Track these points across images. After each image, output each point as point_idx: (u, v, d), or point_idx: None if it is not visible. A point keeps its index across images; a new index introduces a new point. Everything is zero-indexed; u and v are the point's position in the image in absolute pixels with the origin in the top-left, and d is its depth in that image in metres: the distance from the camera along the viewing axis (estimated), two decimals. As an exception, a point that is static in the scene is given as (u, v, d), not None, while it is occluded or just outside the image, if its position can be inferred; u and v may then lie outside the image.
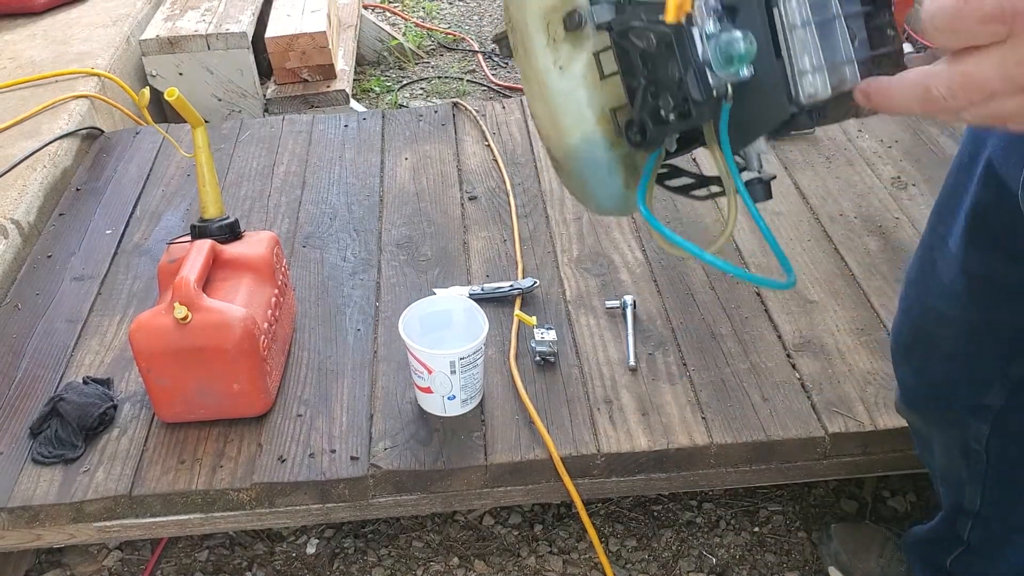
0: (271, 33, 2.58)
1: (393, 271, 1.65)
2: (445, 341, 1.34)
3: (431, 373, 1.29)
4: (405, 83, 3.05)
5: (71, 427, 1.32)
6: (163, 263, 1.38)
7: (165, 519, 1.29)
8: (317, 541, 1.53)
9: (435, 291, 1.56)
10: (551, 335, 1.44)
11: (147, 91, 1.43)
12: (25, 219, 1.79)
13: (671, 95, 0.60)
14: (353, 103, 2.66)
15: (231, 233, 1.44)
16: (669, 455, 1.30)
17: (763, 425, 1.32)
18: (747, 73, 0.56)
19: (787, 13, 0.54)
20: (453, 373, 1.28)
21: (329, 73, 2.62)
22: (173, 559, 1.52)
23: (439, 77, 3.07)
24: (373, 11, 3.45)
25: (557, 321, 1.51)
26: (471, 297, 1.50)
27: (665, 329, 1.49)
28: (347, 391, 1.40)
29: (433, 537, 1.53)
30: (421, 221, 1.78)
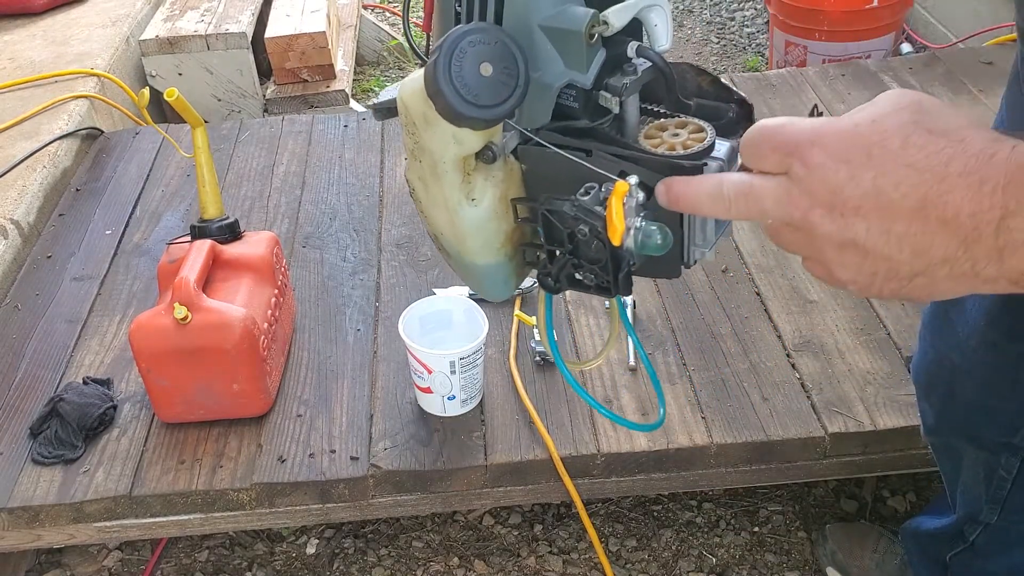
0: (271, 33, 2.58)
1: (393, 271, 1.65)
2: (445, 341, 1.34)
3: (431, 373, 1.29)
4: (405, 83, 3.05)
5: (71, 427, 1.32)
6: (163, 263, 1.38)
7: (165, 519, 1.29)
8: (317, 541, 1.53)
9: (435, 291, 1.56)
10: (551, 335, 1.44)
11: (147, 91, 1.43)
12: (25, 219, 1.79)
13: (591, 272, 0.65)
14: (353, 103, 2.66)
15: (231, 233, 1.44)
16: (669, 455, 1.30)
17: (763, 425, 1.32)
18: (656, 254, 0.62)
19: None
20: (453, 373, 1.28)
21: (329, 73, 2.62)
22: (173, 559, 1.52)
23: (439, 77, 3.07)
24: (373, 11, 3.45)
25: (557, 321, 1.51)
26: (471, 297, 1.50)
27: (665, 329, 1.49)
28: (347, 391, 1.40)
29: (433, 537, 1.53)
30: (421, 221, 1.77)
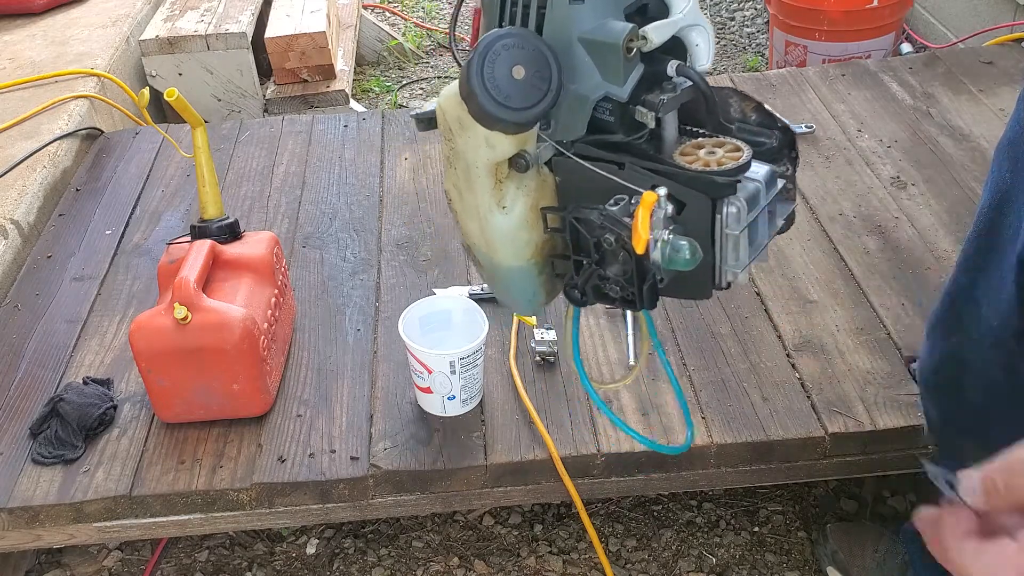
0: (271, 33, 2.58)
1: (393, 271, 1.65)
2: (445, 341, 1.34)
3: (431, 373, 1.29)
4: (405, 83, 3.05)
5: (71, 427, 1.32)
6: (163, 263, 1.38)
7: (165, 519, 1.29)
8: (317, 541, 1.53)
9: (435, 291, 1.56)
10: (551, 335, 1.44)
11: (147, 91, 1.43)
12: (25, 219, 1.79)
13: (617, 284, 0.66)
14: (353, 103, 2.66)
15: (231, 233, 1.44)
16: (669, 455, 1.30)
17: (763, 425, 1.32)
18: (685, 269, 0.63)
19: (727, 222, 0.62)
20: (453, 373, 1.28)
21: (329, 73, 2.62)
22: (173, 559, 1.52)
23: (439, 77, 3.07)
24: (373, 11, 3.45)
25: (557, 321, 1.51)
26: (471, 297, 1.50)
27: (665, 329, 1.49)
28: (347, 391, 1.40)
29: (433, 537, 1.53)
30: (421, 221, 1.78)
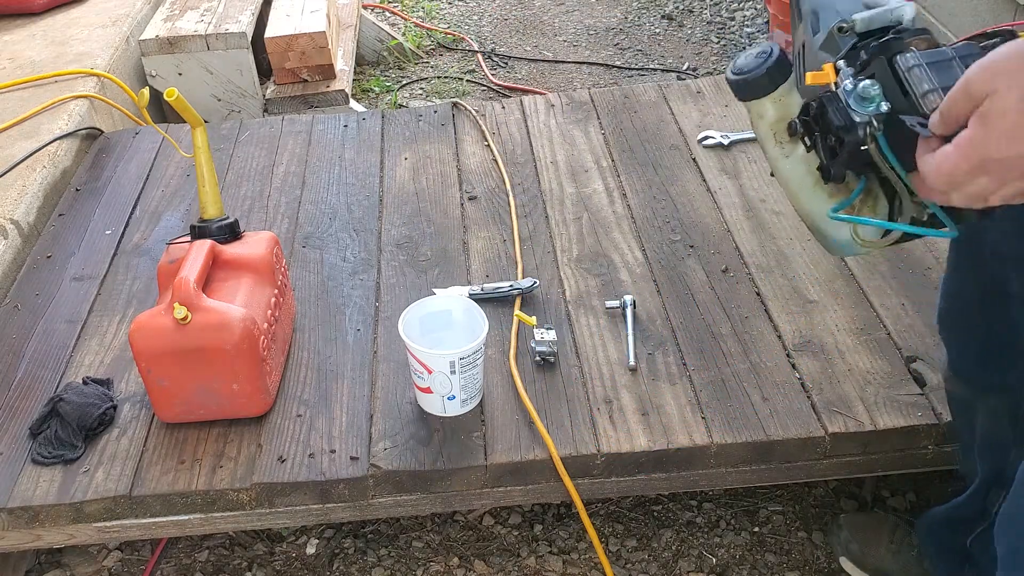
0: (270, 33, 2.58)
1: (393, 271, 1.65)
2: (445, 341, 1.34)
3: (431, 373, 1.29)
4: (405, 83, 3.05)
5: (71, 427, 1.32)
6: (163, 263, 1.38)
7: (165, 519, 1.29)
8: (317, 541, 1.53)
9: (435, 291, 1.56)
10: (551, 335, 1.44)
11: (146, 91, 1.43)
12: (25, 219, 1.79)
13: (832, 134, 0.81)
14: (353, 103, 2.66)
15: (231, 233, 1.44)
16: (669, 455, 1.30)
17: (763, 425, 1.32)
18: (885, 107, 0.77)
19: (902, 63, 0.77)
20: (453, 373, 1.28)
21: (329, 73, 2.62)
22: (173, 559, 1.52)
23: (439, 77, 3.07)
24: (373, 11, 3.45)
25: (557, 321, 1.51)
26: (471, 297, 1.50)
27: (665, 329, 1.49)
28: (347, 391, 1.40)
29: (433, 537, 1.53)
30: (421, 221, 1.78)
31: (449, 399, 1.32)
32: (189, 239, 1.42)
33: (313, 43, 2.55)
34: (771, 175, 0.96)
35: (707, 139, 1.95)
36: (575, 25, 3.37)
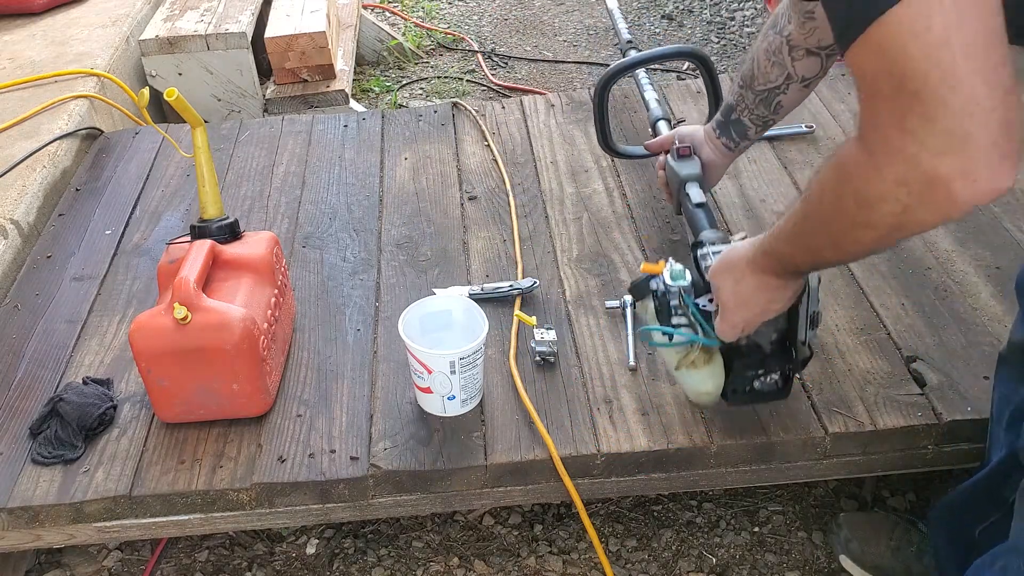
0: (270, 33, 2.58)
1: (393, 271, 1.65)
2: (445, 341, 1.34)
3: (431, 373, 1.29)
4: (405, 83, 3.05)
5: (71, 427, 1.32)
6: (163, 263, 1.38)
7: (165, 519, 1.29)
8: (317, 541, 1.53)
9: (435, 291, 1.56)
10: (551, 335, 1.44)
11: (146, 91, 1.43)
12: (25, 219, 1.79)
13: (658, 300, 1.26)
14: (353, 103, 2.66)
15: (231, 233, 1.44)
16: (669, 455, 1.30)
17: (763, 425, 1.32)
18: (686, 282, 1.23)
19: (699, 257, 1.25)
20: (453, 373, 1.28)
21: (328, 73, 2.62)
22: (173, 559, 1.52)
23: (439, 77, 3.07)
24: (373, 11, 3.45)
25: (557, 321, 1.51)
26: (471, 297, 1.50)
27: (665, 329, 1.49)
28: (347, 391, 1.40)
29: (433, 537, 1.53)
30: (421, 221, 1.78)
31: (449, 399, 1.32)
32: (189, 239, 1.42)
33: (313, 43, 2.55)
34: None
35: (707, 139, 1.95)
36: (575, 25, 3.37)
